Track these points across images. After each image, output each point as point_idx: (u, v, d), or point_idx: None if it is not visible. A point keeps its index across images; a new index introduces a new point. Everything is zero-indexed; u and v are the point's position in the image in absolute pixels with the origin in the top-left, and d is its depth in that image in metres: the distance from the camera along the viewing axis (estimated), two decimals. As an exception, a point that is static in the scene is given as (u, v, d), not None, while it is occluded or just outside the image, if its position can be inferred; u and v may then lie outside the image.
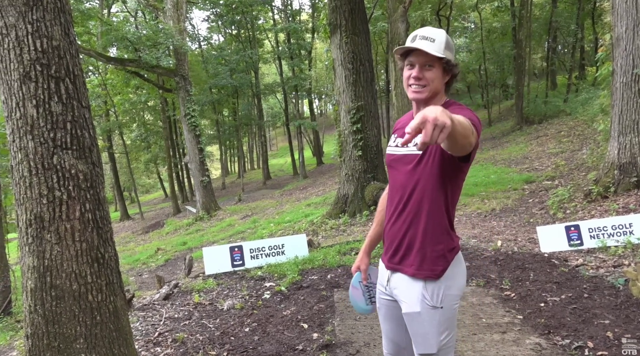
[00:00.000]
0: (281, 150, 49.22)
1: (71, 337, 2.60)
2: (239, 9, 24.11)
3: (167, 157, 24.64)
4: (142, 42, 15.95)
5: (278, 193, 20.36)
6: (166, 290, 4.99)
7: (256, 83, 27.09)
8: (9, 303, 7.26)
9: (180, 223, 17.56)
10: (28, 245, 2.74)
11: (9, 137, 2.89)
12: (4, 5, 2.70)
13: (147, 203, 33.95)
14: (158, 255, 11.54)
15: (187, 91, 16.63)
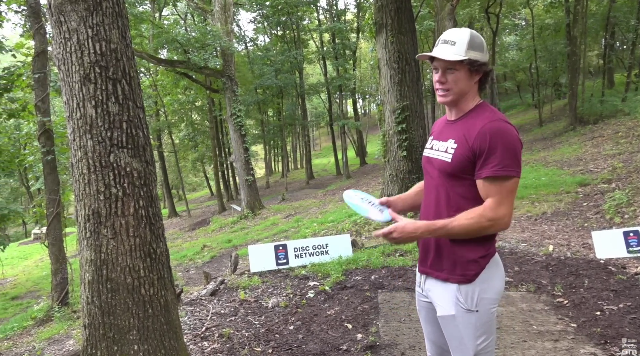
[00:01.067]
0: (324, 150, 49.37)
1: (125, 328, 2.71)
2: (284, 10, 24.37)
3: (214, 156, 25.21)
4: (191, 44, 16.38)
5: (321, 193, 20.44)
6: (213, 286, 5.11)
7: (300, 83, 27.31)
8: (66, 294, 7.64)
9: (225, 221, 17.92)
10: (86, 239, 2.86)
11: (69, 136, 3.04)
12: (67, 11, 2.83)
13: (194, 201, 34.86)
14: (204, 251, 11.83)
15: (234, 91, 16.95)
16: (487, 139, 1.64)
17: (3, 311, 10.59)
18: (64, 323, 6.32)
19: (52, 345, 5.17)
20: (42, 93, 8.34)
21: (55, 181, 8.40)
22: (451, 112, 1.86)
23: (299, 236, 9.85)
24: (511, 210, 1.66)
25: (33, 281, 14.94)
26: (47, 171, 8.37)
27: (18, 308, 10.49)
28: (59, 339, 5.48)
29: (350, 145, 32.31)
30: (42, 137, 8.25)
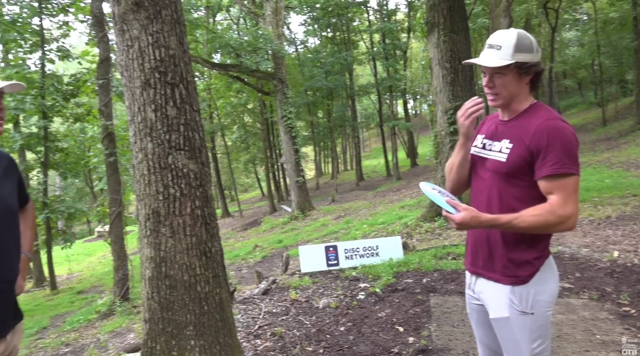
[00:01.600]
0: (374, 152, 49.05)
1: (182, 324, 2.81)
2: (334, 12, 24.46)
3: (265, 157, 25.64)
4: (243, 48, 16.75)
5: (371, 194, 20.32)
6: (265, 285, 5.21)
7: (350, 84, 27.28)
8: (127, 290, 8.01)
9: (276, 222, 18.17)
10: (147, 237, 2.99)
11: (131, 139, 3.19)
12: (129, 20, 2.98)
13: (246, 201, 35.61)
14: (256, 251, 12.05)
15: (284, 94, 17.18)
16: (545, 138, 1.61)
17: (70, 304, 11.23)
18: (125, 317, 6.62)
19: (114, 338, 5.43)
20: (105, 98, 8.78)
21: (117, 181, 8.82)
22: (504, 113, 1.83)
23: (349, 237, 9.85)
24: (577, 210, 1.61)
25: (97, 277, 15.76)
26: (109, 172, 8.79)
27: (83, 302, 11.08)
28: (121, 332, 5.75)
29: (400, 147, 31.93)
30: (105, 139, 8.69)
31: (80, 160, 17.18)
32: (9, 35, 13.48)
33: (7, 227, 1.71)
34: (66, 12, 14.12)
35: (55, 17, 14.49)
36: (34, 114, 14.37)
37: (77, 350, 5.45)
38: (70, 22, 14.89)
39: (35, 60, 14.47)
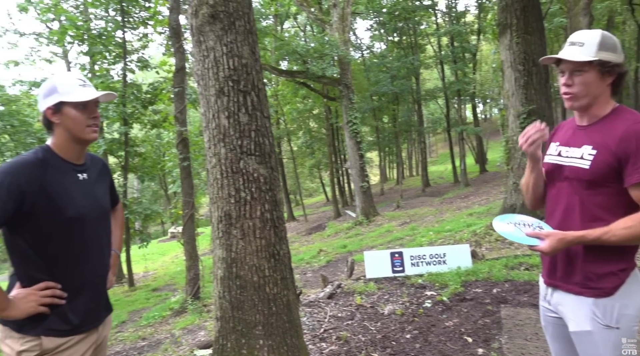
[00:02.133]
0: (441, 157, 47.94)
1: (252, 323, 2.90)
2: (401, 16, 24.26)
3: (329, 162, 25.84)
4: (310, 54, 17.01)
5: (437, 201, 19.86)
6: (330, 289, 5.25)
7: (417, 89, 26.89)
8: (198, 289, 8.36)
9: (340, 227, 18.22)
10: (219, 239, 3.12)
11: (206, 144, 3.34)
12: (206, 31, 3.13)
13: (310, 206, 36.02)
14: (320, 256, 12.14)
15: (350, 99, 17.24)
16: (634, 142, 1.52)
17: (145, 301, 11.89)
18: (196, 315, 6.92)
19: (186, 335, 5.69)
20: (180, 105, 9.25)
21: (190, 185, 9.24)
22: (582, 117, 1.73)
23: (414, 244, 9.69)
24: None
25: (170, 276, 16.57)
26: (183, 175, 9.23)
27: (158, 299, 11.69)
28: (192, 329, 6.02)
29: (469, 152, 30.99)
30: (180, 145, 9.15)
31: (157, 164, 18.18)
32: (95, 48, 14.56)
33: (101, 226, 1.86)
34: (146, 24, 15.04)
35: (135, 29, 15.49)
36: (116, 121, 15.39)
37: (153, 344, 5.76)
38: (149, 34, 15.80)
39: (118, 71, 15.44)
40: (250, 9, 3.23)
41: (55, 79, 1.78)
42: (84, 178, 1.81)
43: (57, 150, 1.76)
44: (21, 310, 1.60)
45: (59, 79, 1.77)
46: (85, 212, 1.74)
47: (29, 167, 1.64)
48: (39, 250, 1.65)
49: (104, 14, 15.43)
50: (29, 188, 1.60)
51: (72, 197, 1.71)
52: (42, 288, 1.65)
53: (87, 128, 1.77)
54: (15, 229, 1.64)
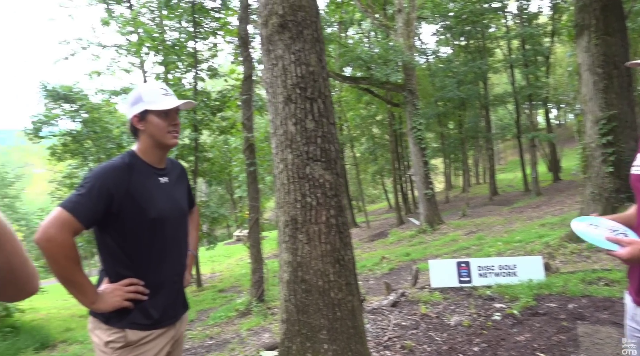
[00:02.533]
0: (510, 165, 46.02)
1: (317, 327, 2.93)
2: (469, 20, 23.63)
3: (392, 169, 25.56)
4: (374, 60, 16.97)
5: (506, 210, 19.07)
6: (394, 297, 5.18)
7: (485, 94, 26.03)
8: (262, 292, 8.54)
9: (403, 234, 17.95)
10: (285, 243, 3.18)
11: (273, 150, 3.43)
12: (275, 40, 3.22)
13: (373, 212, 35.79)
14: (383, 263, 12.02)
15: (414, 105, 17.00)
16: None
17: (212, 301, 12.30)
18: (261, 317, 7.06)
19: (251, 336, 5.83)
20: (247, 112, 9.54)
21: (256, 189, 9.48)
22: None
23: (481, 254, 9.35)
24: None
25: (235, 278, 17.05)
26: (249, 180, 9.49)
27: (224, 300, 12.05)
28: (257, 331, 6.15)
29: (541, 159, 29.54)
30: (246, 150, 9.41)
31: (224, 169, 18.83)
32: (169, 58, 15.36)
33: (180, 227, 1.97)
34: (216, 35, 15.67)
35: (206, 40, 16.17)
36: (187, 127, 16.13)
37: (220, 343, 5.95)
38: (218, 44, 16.44)
39: (189, 79, 16.18)
40: (318, 18, 3.29)
41: (141, 89, 1.91)
42: (165, 182, 1.93)
43: (141, 155, 1.90)
44: (108, 303, 1.73)
45: (144, 89, 1.91)
46: (166, 214, 1.86)
47: (117, 171, 1.77)
48: (124, 248, 1.78)
49: (178, 26, 16.25)
50: (116, 191, 1.72)
51: (155, 200, 1.83)
52: (127, 284, 1.78)
53: (168, 135, 1.89)
54: (104, 229, 1.78)
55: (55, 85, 17.16)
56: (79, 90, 17.78)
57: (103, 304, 1.72)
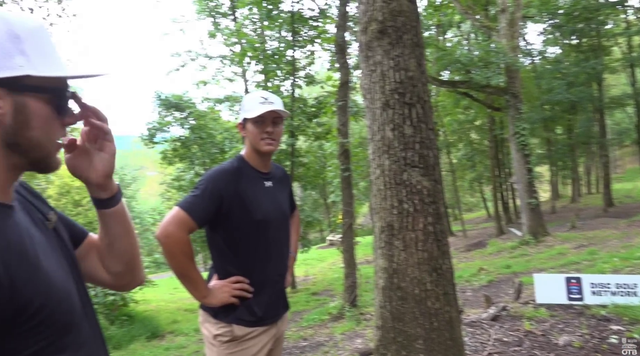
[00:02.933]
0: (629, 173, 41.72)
1: (412, 336, 2.87)
2: (581, 16, 21.86)
3: (492, 176, 24.39)
4: (473, 63, 16.35)
5: (624, 223, 17.30)
6: (494, 311, 4.92)
7: (599, 96, 23.90)
8: (355, 297, 8.56)
9: (503, 245, 17.02)
10: (381, 249, 3.17)
11: (370, 156, 3.44)
12: (374, 46, 3.23)
13: (470, 221, 34.36)
14: (481, 274, 11.49)
15: (517, 109, 16.09)
16: None
17: (306, 303, 12.58)
18: (353, 322, 7.08)
19: (344, 340, 5.86)
20: (343, 118, 9.65)
21: (350, 195, 9.55)
22: None
23: (594, 270, 8.57)
24: None
25: (328, 282, 17.28)
26: (344, 186, 9.58)
27: (317, 303, 12.27)
28: (350, 336, 6.18)
29: (666, 167, 26.49)
30: (341, 156, 9.53)
31: (319, 174, 19.23)
32: (269, 67, 16.04)
33: (282, 229, 2.06)
34: (313, 43, 16.08)
35: (304, 48, 16.66)
36: (284, 133, 16.71)
37: (313, 345, 6.06)
38: (316, 51, 16.85)
39: (287, 86, 16.76)
40: (418, 22, 3.25)
41: (245, 98, 2.05)
42: (269, 186, 2.03)
43: (248, 160, 2.02)
44: (217, 298, 1.85)
45: (247, 98, 2.04)
46: (270, 216, 1.95)
47: (227, 175, 1.90)
48: (231, 247, 1.90)
49: (277, 35, 16.93)
50: (226, 193, 1.85)
51: (260, 202, 1.93)
52: (234, 281, 1.89)
53: (262, 141, 1.98)
54: (215, 228, 1.91)
55: (167, 95, 18.68)
56: (188, 98, 19.22)
57: (213, 299, 1.85)
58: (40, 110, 0.87)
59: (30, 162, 0.89)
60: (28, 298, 0.79)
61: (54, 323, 0.84)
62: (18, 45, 0.82)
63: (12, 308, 0.77)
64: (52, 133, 0.90)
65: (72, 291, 0.92)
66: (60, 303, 0.86)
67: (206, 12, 19.80)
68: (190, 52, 20.51)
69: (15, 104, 0.83)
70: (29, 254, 0.83)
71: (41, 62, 0.85)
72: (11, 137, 0.84)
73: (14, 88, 0.82)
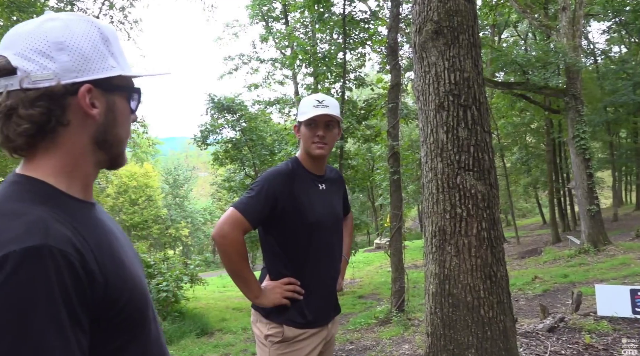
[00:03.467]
0: (701, 179, 38.87)
1: (464, 345, 2.79)
2: (649, 13, 20.63)
3: (549, 181, 23.38)
4: (531, 64, 15.77)
5: (695, 233, 16.15)
6: (551, 322, 4.71)
7: (668, 97, 22.44)
8: (402, 302, 8.43)
9: (560, 254, 16.29)
10: (432, 254, 3.10)
11: (422, 159, 3.37)
12: (428, 47, 3.17)
13: (523, 228, 33.10)
14: (535, 283, 11.04)
15: (578, 111, 15.36)
16: None
17: (352, 306, 12.51)
18: (401, 327, 6.97)
19: (391, 345, 5.78)
20: (393, 120, 9.54)
21: (399, 198, 9.42)
22: None
23: (661, 283, 8.04)
24: None
25: (374, 285, 17.13)
26: (393, 189, 9.46)
27: (363, 306, 12.18)
28: (396, 341, 6.09)
29: None
30: (391, 158, 9.41)
31: (367, 177, 19.11)
32: (319, 69, 16.13)
33: (335, 232, 2.05)
34: (364, 45, 16.03)
35: (355, 50, 16.63)
36: (340, 136, 16.76)
37: (360, 349, 6.01)
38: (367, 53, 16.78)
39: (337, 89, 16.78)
40: (475, 22, 3.16)
41: (301, 101, 2.05)
42: (322, 188, 2.02)
43: (302, 162, 2.02)
44: (269, 299, 1.86)
45: (302, 101, 2.05)
46: (323, 219, 1.95)
47: (282, 176, 1.92)
48: (284, 249, 1.91)
49: (328, 38, 16.99)
50: (281, 195, 1.86)
51: (313, 205, 1.93)
52: (286, 282, 1.90)
53: (313, 145, 1.97)
54: (268, 229, 1.93)
55: (220, 97, 19.15)
56: (239, 101, 19.62)
57: (265, 299, 1.86)
58: (124, 109, 0.93)
59: (111, 158, 0.94)
60: (118, 294, 0.82)
61: (135, 319, 0.87)
62: (109, 48, 0.88)
63: (105, 305, 0.79)
64: (128, 130, 0.96)
65: (146, 288, 0.95)
66: (139, 299, 0.89)
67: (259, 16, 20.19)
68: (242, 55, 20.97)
69: (107, 103, 0.89)
70: (115, 251, 0.87)
71: (124, 62, 0.91)
72: (101, 134, 0.89)
73: (107, 88, 0.88)
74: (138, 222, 40.49)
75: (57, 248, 0.72)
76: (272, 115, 22.34)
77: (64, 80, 0.82)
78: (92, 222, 0.87)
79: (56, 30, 0.83)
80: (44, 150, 0.85)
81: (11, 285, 0.67)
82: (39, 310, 0.68)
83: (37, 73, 0.82)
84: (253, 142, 19.48)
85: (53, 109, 0.82)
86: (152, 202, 42.51)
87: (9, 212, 0.77)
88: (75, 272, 0.73)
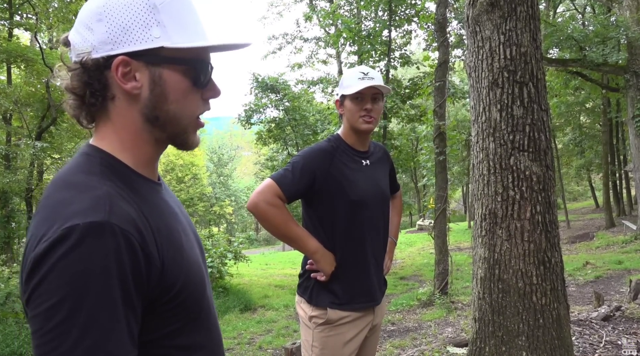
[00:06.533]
0: None
1: (514, 332, 2.69)
2: None
3: (604, 163, 22.27)
4: (588, 39, 14.89)
5: None
6: (606, 310, 4.50)
7: None
8: (446, 284, 8.31)
9: (614, 239, 15.60)
10: (481, 237, 2.99)
11: (473, 139, 3.24)
12: (482, 21, 3.01)
13: (574, 211, 31.83)
14: (587, 269, 10.62)
15: (639, 89, 14.45)
16: None
17: (393, 287, 12.46)
18: (444, 310, 6.88)
19: (433, 328, 5.72)
20: (440, 99, 9.27)
21: (444, 179, 9.21)
22: None
23: None
24: None
25: (416, 267, 16.98)
26: (438, 170, 9.26)
27: (404, 288, 12.11)
28: (440, 323, 6.02)
29: None
30: (436, 138, 9.18)
31: (410, 158, 18.81)
32: (364, 48, 15.84)
33: (380, 211, 1.98)
34: (410, 21, 15.59)
35: (400, 27, 16.21)
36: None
37: (402, 331, 5.98)
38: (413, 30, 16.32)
39: (382, 68, 16.45)
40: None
41: (344, 74, 1.97)
42: (366, 165, 1.95)
43: (345, 138, 1.96)
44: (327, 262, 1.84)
45: (346, 74, 1.96)
46: (367, 196, 1.88)
47: (321, 152, 1.87)
48: (326, 226, 1.87)
49: (373, 15, 16.62)
50: (320, 171, 1.82)
51: (356, 182, 1.87)
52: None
53: (360, 119, 1.89)
54: (310, 206, 1.90)
55: (264, 77, 19.22)
56: (283, 81, 19.63)
57: (322, 260, 1.83)
58: (177, 83, 0.84)
59: (169, 136, 0.88)
60: (174, 279, 0.80)
61: (189, 305, 0.84)
62: (156, 16, 0.80)
63: (160, 289, 0.77)
64: (189, 107, 0.87)
65: (204, 274, 0.93)
66: (196, 286, 0.86)
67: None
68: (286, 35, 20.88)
69: (152, 76, 0.82)
70: (174, 235, 0.85)
71: (178, 32, 0.82)
72: (150, 110, 0.83)
73: (150, 60, 0.81)
74: (184, 199, 41.78)
75: (120, 227, 0.71)
76: (315, 95, 22.24)
77: (99, 53, 0.79)
78: (156, 203, 0.85)
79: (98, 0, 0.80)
80: (102, 124, 0.85)
81: (72, 257, 0.67)
82: (95, 286, 0.67)
83: (79, 46, 0.80)
84: (296, 122, 19.51)
85: (91, 83, 0.80)
86: (197, 180, 43.66)
87: (80, 183, 0.76)
88: (135, 253, 0.72)
